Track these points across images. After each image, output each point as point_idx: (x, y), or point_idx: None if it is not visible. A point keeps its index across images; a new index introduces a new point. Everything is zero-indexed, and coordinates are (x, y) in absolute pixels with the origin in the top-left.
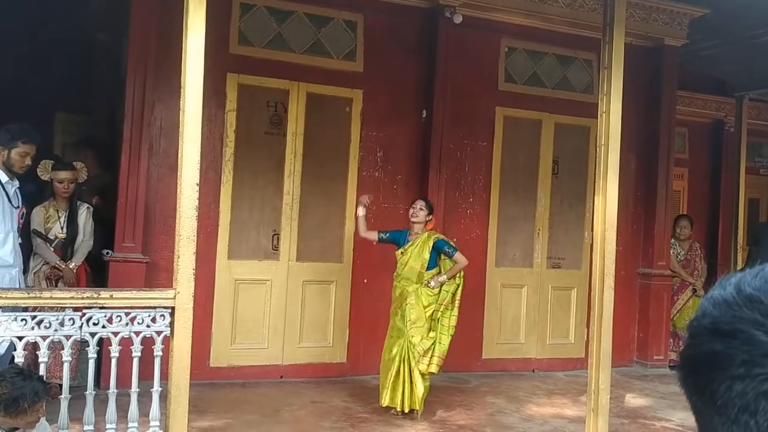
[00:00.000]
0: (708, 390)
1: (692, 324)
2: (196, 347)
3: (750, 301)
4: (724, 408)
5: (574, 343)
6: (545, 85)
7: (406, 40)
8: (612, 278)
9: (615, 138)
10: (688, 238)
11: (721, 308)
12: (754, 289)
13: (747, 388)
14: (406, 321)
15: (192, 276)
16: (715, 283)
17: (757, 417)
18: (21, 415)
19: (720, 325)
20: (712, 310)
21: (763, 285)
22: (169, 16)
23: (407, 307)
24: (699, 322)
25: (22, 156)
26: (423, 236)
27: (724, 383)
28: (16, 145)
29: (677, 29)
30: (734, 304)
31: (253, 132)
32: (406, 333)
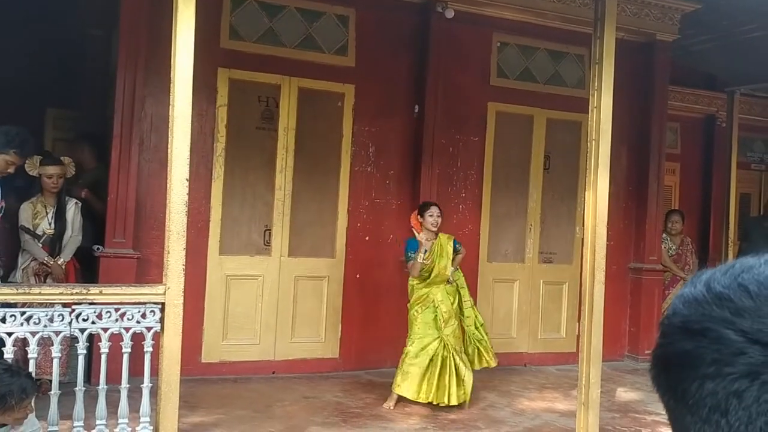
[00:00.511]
0: (679, 389)
1: (663, 322)
2: (187, 343)
3: (719, 299)
4: (695, 407)
5: (566, 337)
6: (537, 80)
7: (398, 35)
8: (603, 273)
9: (606, 133)
10: (680, 232)
11: (692, 307)
12: (723, 287)
13: (717, 388)
14: (439, 321)
15: (182, 272)
16: None
17: (728, 416)
18: (8, 412)
19: (690, 324)
20: (682, 309)
21: (732, 283)
22: (160, 10)
23: (439, 308)
24: (670, 320)
25: (7, 163)
26: (441, 238)
27: (695, 382)
28: (6, 152)
29: (669, 24)
30: (704, 302)
31: (244, 127)
32: (441, 332)
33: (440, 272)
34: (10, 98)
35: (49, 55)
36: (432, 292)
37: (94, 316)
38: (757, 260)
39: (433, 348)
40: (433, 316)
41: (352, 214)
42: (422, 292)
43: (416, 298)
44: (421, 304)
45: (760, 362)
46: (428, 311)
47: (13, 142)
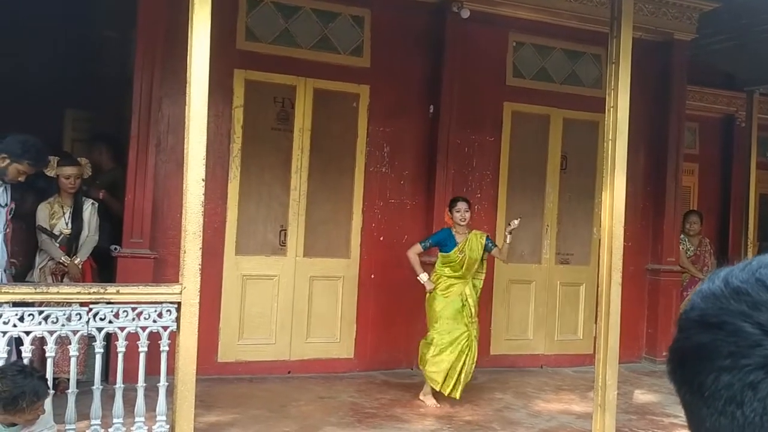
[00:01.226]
0: (696, 382)
1: (681, 317)
2: (203, 342)
3: (737, 293)
4: (711, 399)
5: (583, 339)
6: (553, 80)
7: (414, 36)
8: (619, 273)
9: (623, 133)
10: (698, 233)
11: (709, 301)
12: (741, 281)
13: (733, 380)
14: (465, 315)
15: (198, 271)
16: None
17: (744, 408)
18: (20, 413)
19: (707, 318)
20: (700, 303)
21: (750, 278)
22: (177, 12)
23: (468, 302)
24: (687, 315)
25: (19, 172)
26: (472, 233)
27: (711, 375)
28: (21, 162)
29: (687, 23)
30: (721, 297)
31: (260, 128)
32: (469, 326)
33: (470, 267)
34: (29, 99)
35: (68, 57)
36: (460, 285)
37: (112, 316)
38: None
39: (463, 341)
40: (459, 306)
41: (367, 214)
42: (451, 283)
43: (443, 288)
44: (446, 294)
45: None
46: (454, 303)
47: (29, 152)
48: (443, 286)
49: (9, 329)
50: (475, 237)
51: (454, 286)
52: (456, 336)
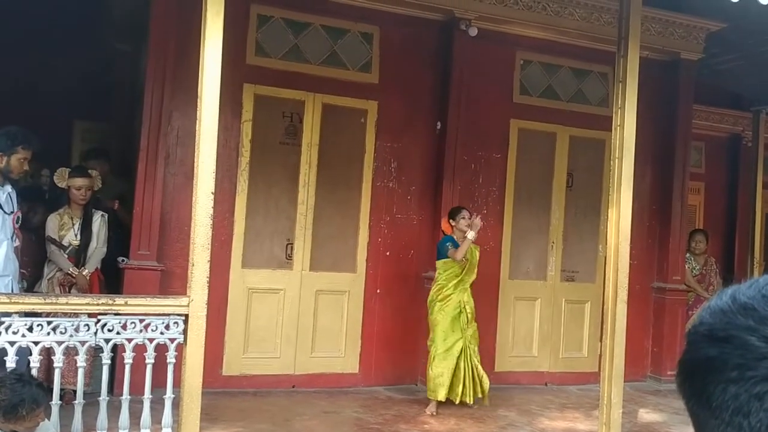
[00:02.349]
0: (704, 394)
1: (689, 332)
2: (208, 355)
3: (744, 308)
4: (718, 410)
5: (588, 356)
6: (560, 97)
7: (422, 53)
8: (625, 291)
9: (629, 151)
10: (704, 252)
11: (717, 316)
12: (748, 297)
13: (740, 391)
14: (463, 321)
15: (206, 284)
16: None
17: (750, 418)
18: (20, 421)
19: (715, 332)
20: (709, 318)
21: (757, 294)
22: (188, 26)
23: (466, 308)
24: (696, 329)
25: (21, 161)
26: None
27: (719, 386)
28: (16, 150)
29: (694, 43)
30: (729, 312)
31: (268, 142)
32: (465, 332)
33: (470, 273)
34: (39, 110)
35: (78, 69)
36: (458, 293)
37: (119, 327)
38: None
39: (458, 349)
40: (456, 313)
41: (374, 229)
42: (450, 293)
43: (442, 298)
44: (445, 305)
45: None
46: (451, 310)
47: (17, 139)
48: (443, 296)
49: (18, 339)
50: (472, 246)
51: (452, 295)
52: (451, 344)
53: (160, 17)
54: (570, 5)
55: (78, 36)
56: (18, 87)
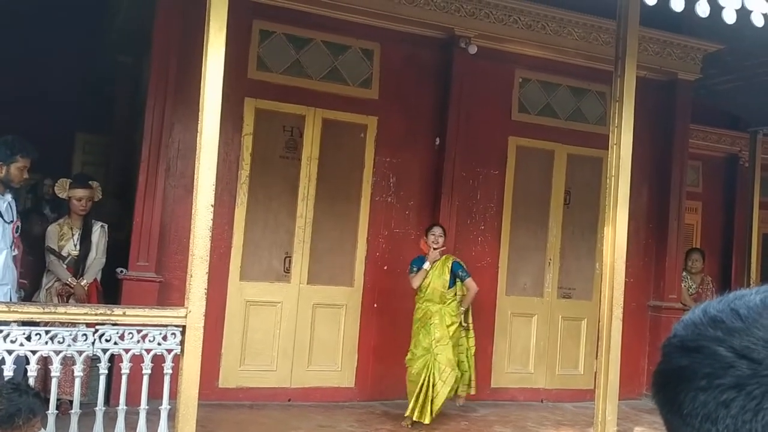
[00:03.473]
0: (676, 402)
1: (663, 344)
2: (205, 367)
3: (714, 321)
4: (689, 418)
5: (584, 374)
6: (558, 116)
7: (422, 70)
8: (621, 309)
9: (625, 169)
10: (700, 271)
11: (689, 328)
12: (717, 311)
13: (709, 398)
14: (431, 339)
15: (204, 295)
16: None
17: (718, 425)
18: (16, 431)
19: (687, 343)
20: (681, 331)
21: (726, 308)
22: (190, 39)
23: (431, 327)
24: (669, 341)
25: (20, 170)
26: (441, 259)
27: (690, 395)
28: (15, 159)
29: (691, 64)
30: (700, 324)
31: (268, 155)
32: (432, 350)
33: (435, 289)
34: (41, 121)
35: (80, 81)
36: (430, 309)
37: (117, 337)
38: (749, 291)
39: (420, 366)
40: (427, 332)
41: (371, 243)
42: (421, 307)
43: (417, 316)
44: (420, 320)
45: (746, 375)
46: (425, 328)
47: (16, 148)
48: (417, 314)
49: (16, 348)
50: (442, 261)
51: (425, 313)
52: (417, 356)
53: (163, 30)
54: (569, 25)
55: (81, 48)
56: (20, 98)
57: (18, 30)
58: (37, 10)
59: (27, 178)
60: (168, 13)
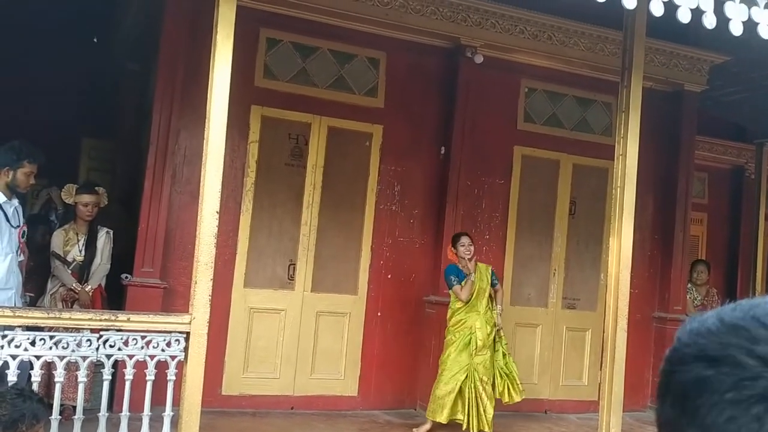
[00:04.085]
0: (698, 414)
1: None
2: (208, 374)
3: (735, 328)
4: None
5: (588, 385)
6: (564, 126)
7: (427, 78)
8: (625, 320)
9: (631, 180)
10: (705, 283)
11: (706, 336)
12: (737, 319)
13: (737, 412)
14: (472, 348)
15: (208, 302)
16: None
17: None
18: None
19: (708, 352)
20: (697, 339)
21: (746, 315)
22: (197, 47)
23: (473, 338)
24: (683, 351)
25: (27, 175)
26: (480, 267)
27: (715, 407)
28: (21, 165)
29: (698, 75)
30: (719, 333)
31: (274, 163)
32: (472, 359)
33: (480, 297)
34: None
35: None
36: (471, 317)
37: (121, 343)
38: (761, 299)
39: (462, 375)
40: (468, 340)
41: (376, 251)
42: (461, 317)
43: (454, 323)
44: (458, 329)
45: None
46: (464, 336)
47: (22, 152)
48: (455, 320)
49: (21, 353)
50: (482, 267)
51: (464, 321)
52: (457, 369)
53: (171, 37)
54: (575, 35)
55: (88, 54)
56: (27, 103)
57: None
58: (44, 15)
59: (33, 183)
60: (175, 19)
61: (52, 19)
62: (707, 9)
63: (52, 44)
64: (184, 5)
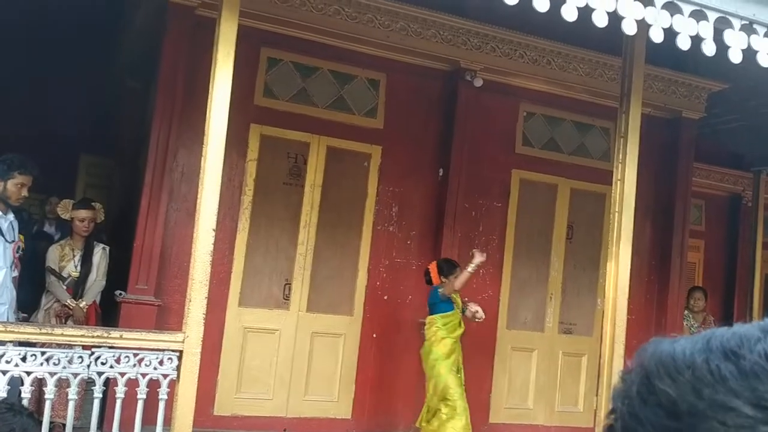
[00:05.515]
0: None
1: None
2: (200, 394)
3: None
4: None
5: (583, 411)
6: (562, 150)
7: (427, 100)
8: (622, 346)
9: (629, 205)
10: (702, 310)
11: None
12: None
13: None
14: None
15: (202, 320)
16: None
17: None
18: None
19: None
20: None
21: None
22: (198, 65)
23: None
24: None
25: (18, 187)
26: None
27: None
28: (12, 176)
29: (696, 102)
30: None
31: (272, 182)
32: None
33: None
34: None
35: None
36: (456, 344)
37: (113, 360)
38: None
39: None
40: (455, 371)
41: (372, 272)
42: (450, 344)
43: (445, 352)
44: (448, 358)
45: None
46: (455, 368)
47: (14, 164)
48: (445, 349)
49: (11, 368)
50: (457, 296)
51: (453, 349)
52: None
53: (171, 55)
54: (574, 60)
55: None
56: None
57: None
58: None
59: (25, 196)
60: (176, 37)
61: (54, 35)
62: (707, 36)
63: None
64: (185, 23)
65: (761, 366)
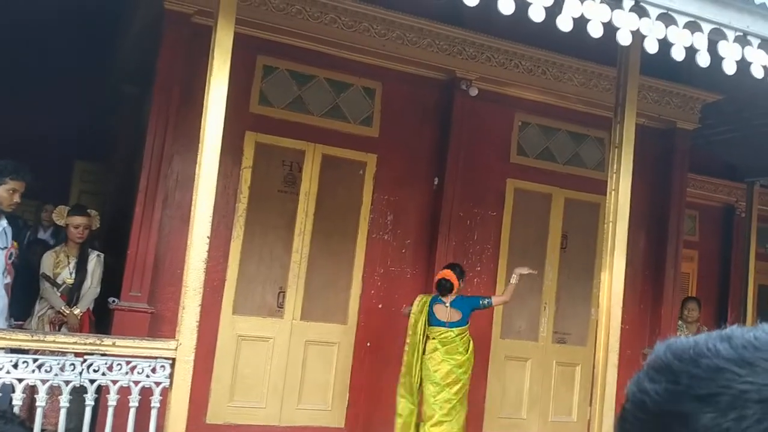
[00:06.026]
0: None
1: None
2: (193, 402)
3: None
4: None
5: (577, 421)
6: (557, 160)
7: (422, 109)
8: (616, 355)
9: (623, 215)
10: (696, 320)
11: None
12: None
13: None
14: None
15: (195, 328)
16: None
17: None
18: None
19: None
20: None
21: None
22: (194, 72)
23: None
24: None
25: (10, 193)
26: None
27: None
28: (4, 181)
29: (690, 113)
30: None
31: (266, 189)
32: None
33: None
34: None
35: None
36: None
37: (105, 368)
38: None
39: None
40: None
41: (367, 280)
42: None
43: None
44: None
45: None
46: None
47: (6, 170)
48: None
49: (3, 376)
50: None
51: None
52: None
53: (167, 62)
54: (569, 71)
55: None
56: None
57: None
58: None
59: (18, 201)
60: (172, 44)
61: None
62: (701, 47)
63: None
64: (182, 31)
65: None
